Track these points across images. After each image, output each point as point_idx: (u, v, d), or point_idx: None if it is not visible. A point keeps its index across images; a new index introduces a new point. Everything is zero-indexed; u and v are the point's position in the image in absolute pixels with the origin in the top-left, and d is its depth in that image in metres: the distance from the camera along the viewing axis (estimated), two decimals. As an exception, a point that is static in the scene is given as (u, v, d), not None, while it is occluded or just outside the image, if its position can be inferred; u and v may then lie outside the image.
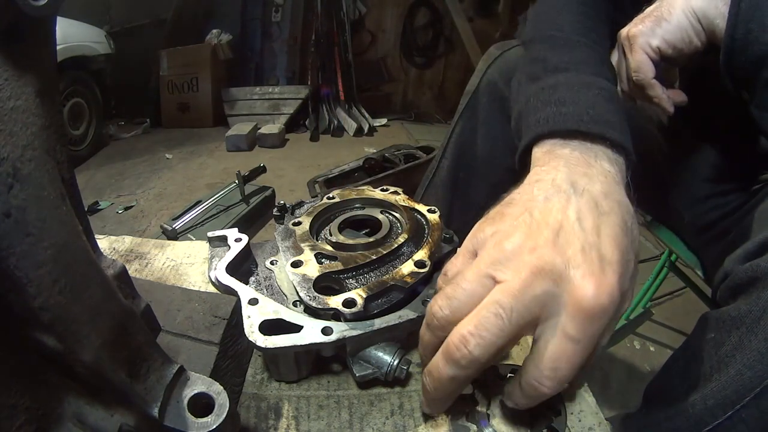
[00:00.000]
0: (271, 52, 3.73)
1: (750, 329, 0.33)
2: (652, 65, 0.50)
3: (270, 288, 0.50)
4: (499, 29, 3.78)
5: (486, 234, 0.36)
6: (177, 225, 1.54)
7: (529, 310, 0.31)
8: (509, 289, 0.32)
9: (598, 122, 0.41)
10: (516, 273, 0.32)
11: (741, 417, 0.32)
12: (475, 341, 0.31)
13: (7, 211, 0.21)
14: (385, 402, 0.44)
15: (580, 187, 0.36)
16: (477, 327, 0.31)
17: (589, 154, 0.40)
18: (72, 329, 0.24)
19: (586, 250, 0.32)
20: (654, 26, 0.49)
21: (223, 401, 0.30)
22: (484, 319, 0.31)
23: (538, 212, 0.35)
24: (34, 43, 0.25)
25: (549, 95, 0.46)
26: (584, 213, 0.34)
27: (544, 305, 0.32)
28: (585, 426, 0.42)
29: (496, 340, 0.31)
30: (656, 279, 1.22)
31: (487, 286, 0.33)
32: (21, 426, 0.23)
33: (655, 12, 0.49)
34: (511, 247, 0.33)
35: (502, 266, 0.33)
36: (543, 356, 0.32)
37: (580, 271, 0.31)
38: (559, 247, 0.32)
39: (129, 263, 0.61)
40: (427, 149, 2.35)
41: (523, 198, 0.37)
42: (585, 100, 0.44)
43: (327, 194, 0.59)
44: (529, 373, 0.33)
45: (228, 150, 2.99)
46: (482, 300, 0.33)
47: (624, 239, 0.34)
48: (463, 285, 0.34)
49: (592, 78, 0.47)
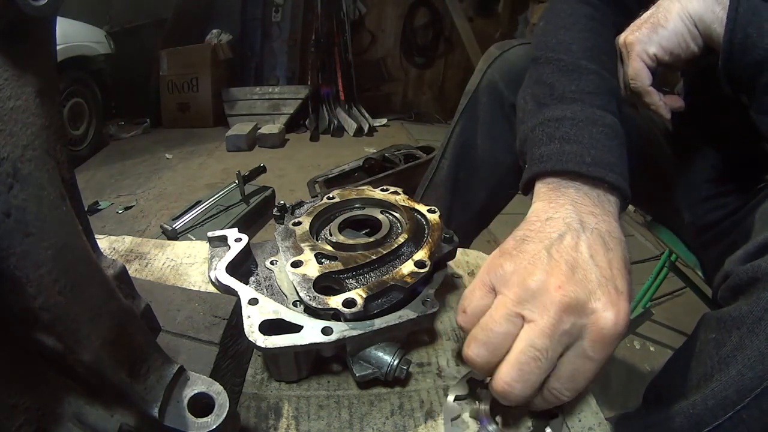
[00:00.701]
0: (271, 52, 3.73)
1: (751, 330, 0.33)
2: (648, 73, 0.50)
3: (270, 288, 0.50)
4: (499, 29, 3.78)
5: (506, 270, 0.38)
6: (177, 225, 1.54)
7: (561, 344, 0.35)
8: (541, 329, 0.34)
9: (599, 164, 0.43)
10: (544, 311, 0.34)
11: (742, 417, 0.32)
12: (521, 386, 0.34)
13: (7, 211, 0.21)
14: (385, 402, 0.44)
15: (589, 225, 0.39)
16: (520, 373, 0.34)
17: (592, 194, 0.43)
18: (72, 329, 0.24)
19: (603, 284, 0.35)
20: (650, 33, 0.49)
21: (223, 401, 0.30)
22: (525, 365, 0.34)
23: (555, 250, 0.37)
24: (34, 43, 0.25)
25: (554, 130, 0.48)
26: (595, 249, 0.37)
27: (571, 335, 0.34)
28: (585, 426, 0.42)
29: (537, 379, 0.35)
30: (656, 279, 1.22)
31: (517, 324, 0.35)
32: (21, 426, 0.23)
33: (651, 18, 0.49)
34: (536, 286, 0.35)
35: (530, 304, 0.35)
36: (564, 373, 0.35)
37: (601, 302, 0.35)
38: (579, 282, 0.35)
39: (129, 263, 0.61)
40: (427, 149, 2.35)
41: (539, 236, 0.40)
42: (588, 138, 0.46)
43: (327, 194, 0.59)
44: (551, 385, 0.36)
45: (228, 150, 2.99)
46: (514, 337, 0.35)
47: (627, 272, 0.38)
48: (495, 328, 0.36)
49: (598, 113, 0.48)
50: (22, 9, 0.22)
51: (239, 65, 3.71)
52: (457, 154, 0.80)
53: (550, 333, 0.34)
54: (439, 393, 0.45)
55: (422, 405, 0.44)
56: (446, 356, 0.50)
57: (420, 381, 0.47)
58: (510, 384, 0.34)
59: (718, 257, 0.60)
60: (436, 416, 0.43)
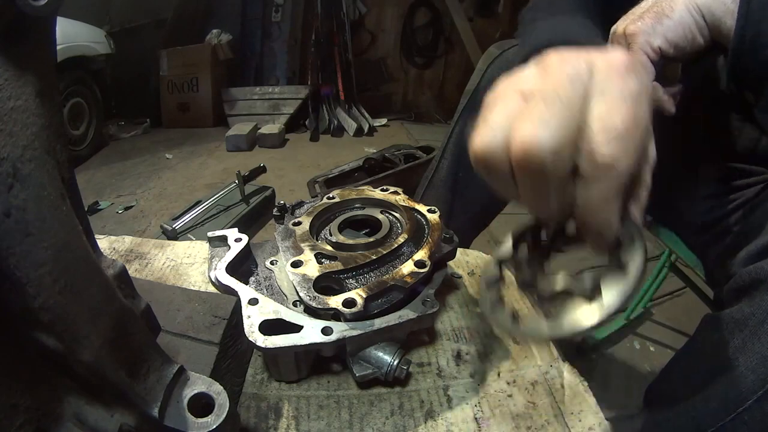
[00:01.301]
0: (271, 52, 3.73)
1: (753, 332, 0.33)
2: (652, 67, 0.48)
3: (270, 288, 0.50)
4: (499, 29, 3.77)
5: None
6: (177, 225, 1.54)
7: (574, 88, 0.27)
8: (544, 83, 0.28)
9: (589, 36, 0.46)
10: (541, 72, 0.29)
11: (743, 420, 0.32)
12: (543, 131, 0.26)
13: (7, 211, 0.21)
14: (385, 402, 0.44)
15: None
16: (533, 120, 0.26)
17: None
18: (72, 329, 0.24)
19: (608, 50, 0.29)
20: (654, 23, 0.46)
21: (223, 401, 0.30)
22: (537, 111, 0.26)
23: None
24: (34, 43, 0.25)
25: (547, 25, 0.51)
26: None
27: (582, 83, 0.27)
28: (585, 426, 0.42)
29: (563, 123, 0.26)
30: (656, 279, 1.22)
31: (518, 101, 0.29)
32: (21, 426, 0.23)
33: (655, 7, 0.46)
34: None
35: (525, 78, 0.29)
36: (593, 123, 0.26)
37: (607, 49, 0.30)
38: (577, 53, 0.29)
39: (129, 263, 0.61)
40: (427, 149, 2.35)
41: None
42: (576, 27, 0.49)
43: (327, 194, 0.59)
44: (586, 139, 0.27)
45: (228, 150, 2.98)
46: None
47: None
48: (491, 114, 0.29)
49: (582, 20, 0.51)
50: (22, 9, 0.22)
51: (239, 65, 3.71)
52: (457, 154, 0.80)
53: (552, 80, 0.27)
54: (439, 393, 0.45)
55: (422, 405, 0.44)
56: (446, 356, 0.50)
57: (420, 381, 0.47)
58: (526, 137, 0.26)
59: (718, 257, 0.60)
60: (437, 416, 0.43)
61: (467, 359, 0.49)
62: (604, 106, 0.27)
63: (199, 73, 3.45)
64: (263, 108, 3.49)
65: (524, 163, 0.26)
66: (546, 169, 0.26)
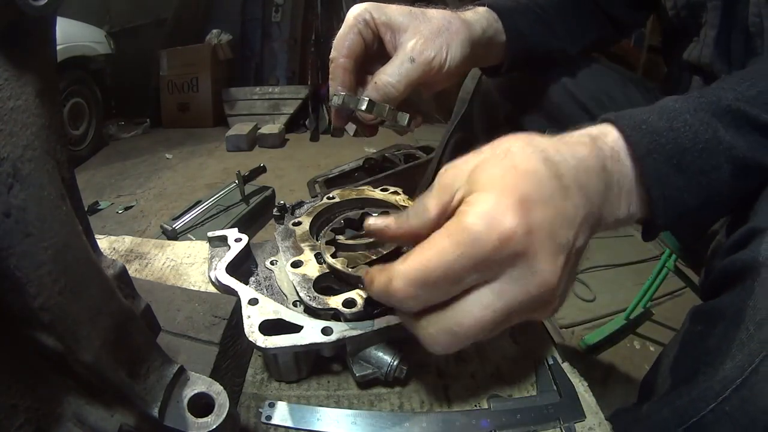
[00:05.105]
0: (271, 52, 3.73)
1: (732, 321, 0.33)
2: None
3: (270, 288, 0.50)
4: (499, 29, 3.77)
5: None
6: (177, 225, 1.54)
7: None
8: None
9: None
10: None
11: (724, 410, 0.32)
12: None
13: (7, 211, 0.21)
14: (385, 402, 0.44)
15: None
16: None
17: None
18: (72, 329, 0.24)
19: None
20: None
21: (223, 401, 0.30)
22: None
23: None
24: (34, 43, 0.25)
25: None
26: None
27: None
28: (585, 426, 0.42)
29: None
30: (656, 279, 1.22)
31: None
32: (21, 426, 0.23)
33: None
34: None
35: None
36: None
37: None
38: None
39: (129, 263, 0.61)
40: (427, 149, 2.34)
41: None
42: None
43: (327, 194, 0.59)
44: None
45: (228, 150, 2.98)
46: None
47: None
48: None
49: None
50: (22, 9, 0.22)
51: (239, 65, 3.71)
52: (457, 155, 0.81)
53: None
54: (439, 393, 0.45)
55: (422, 405, 0.44)
56: (446, 356, 0.50)
57: (420, 381, 0.47)
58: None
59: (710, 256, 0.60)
60: (436, 416, 0.43)
61: (467, 359, 0.49)
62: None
63: (199, 73, 3.45)
64: (263, 108, 3.49)
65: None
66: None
